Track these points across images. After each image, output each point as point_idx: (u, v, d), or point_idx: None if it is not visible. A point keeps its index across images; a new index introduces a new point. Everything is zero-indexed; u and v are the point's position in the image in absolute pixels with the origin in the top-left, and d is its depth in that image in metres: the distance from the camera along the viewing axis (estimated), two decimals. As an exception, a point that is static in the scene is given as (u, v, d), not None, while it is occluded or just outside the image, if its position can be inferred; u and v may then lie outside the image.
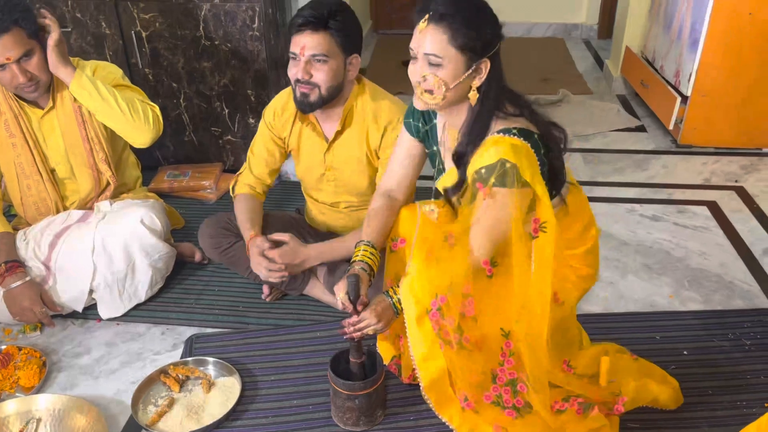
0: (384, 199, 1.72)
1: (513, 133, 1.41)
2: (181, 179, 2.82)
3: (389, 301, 1.53)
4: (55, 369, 1.89)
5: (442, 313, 1.45)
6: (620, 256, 2.40)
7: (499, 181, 1.39)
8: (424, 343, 1.48)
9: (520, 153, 1.39)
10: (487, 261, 1.48)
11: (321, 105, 1.82)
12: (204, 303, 2.13)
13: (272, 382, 1.80)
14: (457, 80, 1.41)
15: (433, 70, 1.40)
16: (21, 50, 1.81)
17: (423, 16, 1.39)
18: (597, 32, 5.39)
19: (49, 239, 2.02)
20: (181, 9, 2.65)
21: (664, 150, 3.28)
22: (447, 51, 1.38)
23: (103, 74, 2.01)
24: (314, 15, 1.71)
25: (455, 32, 1.36)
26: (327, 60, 1.75)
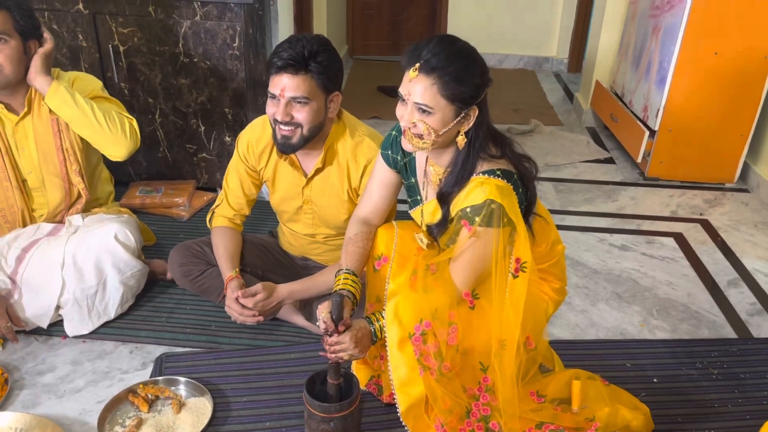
0: (360, 226, 1.73)
1: (497, 174, 1.46)
2: (153, 195, 2.78)
3: (369, 329, 1.53)
4: (17, 386, 1.82)
5: (425, 338, 1.46)
6: (590, 284, 2.44)
7: (485, 221, 1.43)
8: (405, 368, 1.48)
9: (504, 194, 1.44)
10: (469, 293, 1.50)
11: (303, 145, 1.80)
12: (175, 321, 2.09)
13: (244, 403, 1.76)
14: (446, 127, 1.44)
15: (422, 117, 1.43)
16: None
17: (413, 64, 1.41)
18: (567, 66, 5.54)
19: (16, 252, 1.96)
20: (160, 25, 2.64)
21: (632, 182, 3.37)
22: (437, 101, 1.41)
23: (81, 85, 1.99)
24: (294, 57, 1.67)
25: (445, 84, 1.39)
26: (308, 102, 1.72)
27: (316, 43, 1.72)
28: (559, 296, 1.74)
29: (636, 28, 3.58)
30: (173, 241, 2.44)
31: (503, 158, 1.50)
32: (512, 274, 1.49)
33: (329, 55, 1.74)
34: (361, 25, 5.67)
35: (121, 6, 2.62)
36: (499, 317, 1.49)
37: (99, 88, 2.03)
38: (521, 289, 1.49)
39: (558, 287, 1.73)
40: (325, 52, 1.72)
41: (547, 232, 1.68)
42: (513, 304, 1.49)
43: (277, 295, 1.90)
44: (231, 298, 1.88)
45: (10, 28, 1.83)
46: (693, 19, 2.99)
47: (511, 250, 1.48)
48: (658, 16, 3.28)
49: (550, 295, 1.72)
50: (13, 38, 1.84)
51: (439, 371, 1.47)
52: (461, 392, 1.53)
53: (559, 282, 1.74)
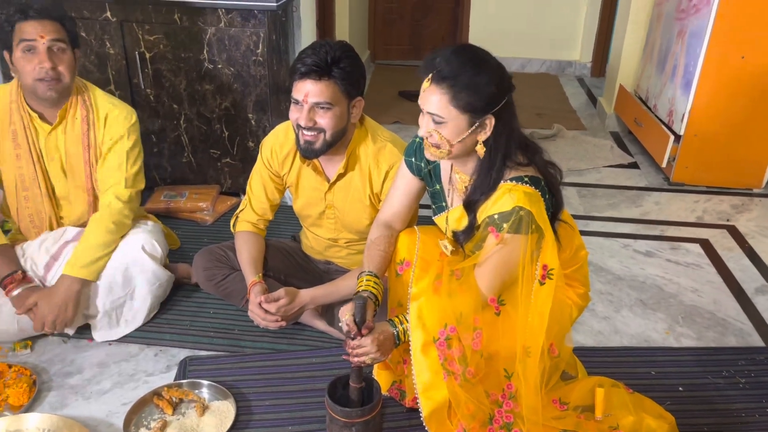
0: (382, 230, 1.73)
1: (525, 181, 1.45)
2: (177, 200, 2.82)
3: (392, 331, 1.53)
4: (45, 388, 1.85)
5: (450, 343, 1.46)
6: (614, 291, 2.41)
7: (514, 228, 1.43)
8: (428, 372, 1.48)
9: (532, 201, 1.43)
10: (494, 299, 1.50)
11: (326, 150, 1.81)
12: (198, 325, 2.11)
13: (267, 407, 1.78)
14: (460, 137, 1.44)
15: (436, 127, 1.44)
16: (55, 36, 1.85)
17: (427, 74, 1.42)
18: (590, 70, 5.50)
19: (45, 259, 2.00)
20: (186, 32, 2.67)
21: (657, 187, 3.33)
22: (448, 111, 1.41)
23: (112, 129, 2.02)
24: (317, 63, 1.69)
25: (456, 93, 1.39)
26: (331, 107, 1.74)
27: (339, 49, 1.73)
28: (583, 301, 1.74)
29: (661, 32, 3.54)
30: (197, 245, 2.47)
31: (531, 165, 1.49)
32: (539, 281, 1.48)
33: (352, 61, 1.75)
34: (383, 30, 5.68)
35: (148, 14, 2.66)
36: (524, 324, 1.48)
37: (126, 130, 2.03)
38: (547, 296, 1.48)
39: (582, 292, 1.73)
40: (348, 58, 1.74)
41: (572, 238, 1.67)
42: (538, 310, 1.48)
43: (299, 300, 1.92)
44: (254, 303, 1.89)
45: (65, 38, 1.89)
46: (719, 23, 2.95)
47: (537, 256, 1.48)
48: (683, 19, 3.25)
49: (574, 300, 1.71)
50: (69, 48, 1.91)
51: (463, 376, 1.47)
52: (484, 398, 1.52)
53: (582, 287, 1.73)
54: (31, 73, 1.86)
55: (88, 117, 2.00)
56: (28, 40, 1.83)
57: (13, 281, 1.93)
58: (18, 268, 1.97)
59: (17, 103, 1.96)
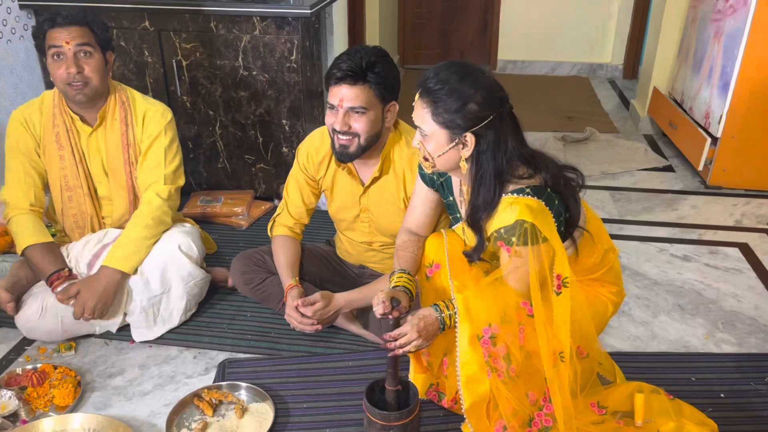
0: (408, 235, 1.76)
1: (527, 192, 1.46)
2: (213, 205, 2.86)
3: (436, 315, 1.52)
4: (89, 389, 1.90)
5: (494, 341, 1.47)
6: (651, 296, 2.38)
7: (521, 240, 1.44)
8: (474, 365, 1.48)
9: (535, 212, 1.43)
10: (527, 302, 1.50)
11: (360, 154, 1.84)
12: (236, 328, 2.14)
13: (305, 409, 1.80)
14: (440, 152, 1.47)
15: (422, 140, 1.48)
16: (81, 40, 1.90)
17: (419, 88, 1.46)
18: (622, 72, 5.44)
19: (87, 259, 2.05)
20: (221, 40, 2.72)
21: (693, 191, 3.28)
22: (429, 126, 1.44)
23: (149, 127, 2.07)
24: (352, 68, 1.71)
25: (435, 109, 1.42)
26: (366, 111, 1.76)
27: (374, 54, 1.75)
28: (618, 298, 1.74)
29: (696, 33, 3.49)
30: (233, 250, 2.51)
31: (535, 176, 1.49)
32: (555, 291, 1.49)
33: (387, 65, 1.77)
34: (413, 34, 5.70)
35: (185, 23, 2.72)
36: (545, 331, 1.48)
37: (163, 127, 2.08)
38: (566, 304, 1.48)
39: (615, 290, 1.73)
40: (382, 62, 1.76)
41: (599, 241, 1.65)
42: (561, 318, 1.49)
43: (335, 304, 1.93)
44: (291, 307, 1.92)
45: (93, 42, 1.94)
46: (757, 23, 2.90)
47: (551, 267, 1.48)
48: (719, 20, 3.20)
49: (609, 298, 1.71)
50: (96, 51, 1.96)
51: (506, 373, 1.48)
52: (525, 398, 1.52)
53: (615, 286, 1.73)
54: (61, 77, 1.92)
55: (127, 117, 2.06)
56: (56, 47, 1.90)
57: (60, 278, 1.98)
58: (64, 266, 2.03)
59: (59, 107, 2.02)
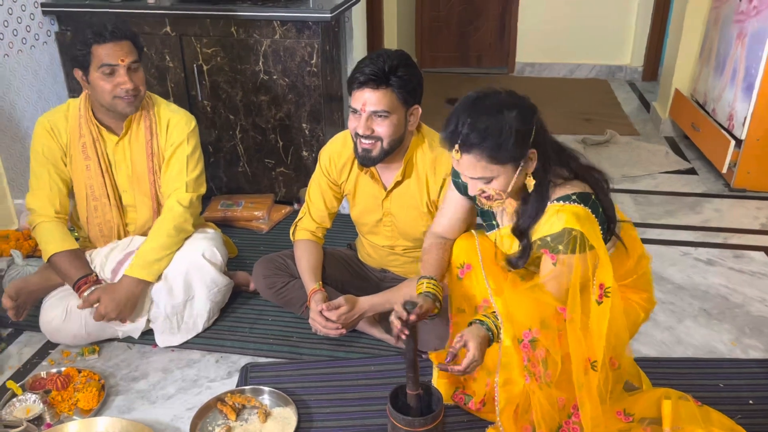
0: (436, 239, 1.75)
1: (573, 200, 1.46)
2: (234, 209, 2.87)
3: (485, 330, 1.49)
4: (113, 392, 1.91)
5: (534, 345, 1.47)
6: (676, 300, 2.35)
7: (570, 248, 1.44)
8: (515, 368, 1.49)
9: (583, 220, 1.43)
10: (564, 308, 1.49)
11: (383, 158, 1.83)
12: (258, 332, 2.14)
13: (327, 414, 1.79)
14: (512, 182, 1.46)
15: (486, 185, 1.46)
16: (133, 57, 1.94)
17: (453, 144, 1.43)
18: (642, 74, 5.38)
19: (112, 265, 2.06)
20: (242, 44, 2.73)
21: (717, 193, 3.24)
22: (491, 170, 1.43)
23: (173, 134, 2.08)
24: (375, 72, 1.71)
25: (492, 153, 1.40)
26: (388, 115, 1.76)
27: (396, 58, 1.75)
28: (649, 305, 1.72)
29: (719, 34, 3.45)
30: (254, 253, 2.52)
31: (575, 179, 1.49)
32: (596, 301, 1.48)
33: (409, 69, 1.77)
34: (430, 37, 5.68)
35: (206, 27, 2.73)
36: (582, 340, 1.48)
37: (186, 135, 2.09)
38: (605, 314, 1.48)
39: (647, 297, 1.72)
40: (405, 66, 1.76)
41: (632, 247, 1.65)
42: (597, 328, 1.48)
43: (359, 308, 1.93)
44: (315, 311, 1.91)
45: (138, 56, 1.97)
46: (782, 24, 2.86)
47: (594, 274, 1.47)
48: (743, 21, 3.16)
49: (641, 305, 1.70)
50: (141, 64, 1.98)
51: (543, 378, 1.48)
52: (555, 403, 1.51)
53: (646, 293, 1.72)
54: (111, 92, 1.93)
55: (151, 126, 2.07)
56: (110, 64, 1.90)
57: (87, 282, 2.00)
58: (91, 271, 2.04)
59: (86, 117, 2.03)
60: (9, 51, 2.62)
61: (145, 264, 1.99)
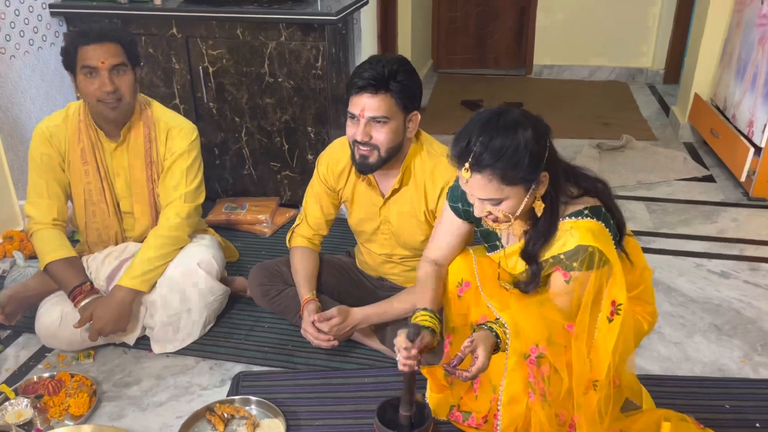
0: (431, 267, 1.69)
1: (585, 215, 1.42)
2: (238, 212, 2.85)
3: (493, 337, 1.44)
4: (105, 398, 1.89)
5: (540, 362, 1.43)
6: (686, 314, 2.27)
7: (585, 265, 1.40)
8: (519, 384, 1.45)
9: (597, 235, 1.40)
10: (572, 325, 1.46)
11: (380, 166, 1.80)
12: (253, 340, 2.12)
13: (317, 427, 1.76)
14: (522, 205, 1.40)
15: (494, 207, 1.40)
16: (116, 60, 1.89)
17: (463, 163, 1.36)
18: (663, 77, 5.26)
19: (107, 272, 2.05)
20: (248, 47, 2.71)
21: (735, 202, 3.14)
22: (502, 191, 1.37)
23: (172, 144, 2.05)
24: (374, 77, 1.68)
25: (504, 174, 1.35)
26: (387, 121, 1.72)
27: (395, 63, 1.72)
28: (652, 318, 1.67)
29: (741, 38, 3.34)
30: (255, 258, 2.50)
31: (585, 194, 1.45)
32: (608, 318, 1.43)
33: (409, 75, 1.73)
34: (446, 39, 5.62)
35: (212, 29, 2.72)
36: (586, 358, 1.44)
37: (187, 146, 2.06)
38: (614, 333, 1.43)
39: (651, 310, 1.67)
40: (404, 72, 1.72)
41: (638, 253, 1.61)
42: (605, 346, 1.43)
43: (352, 319, 1.89)
44: (307, 322, 1.88)
45: (125, 59, 1.93)
46: (805, 28, 2.75)
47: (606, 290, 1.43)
48: (765, 25, 3.05)
49: (645, 318, 1.65)
50: (128, 68, 1.94)
51: (545, 396, 1.45)
52: (554, 419, 1.48)
53: (650, 305, 1.67)
54: (94, 94, 1.90)
55: (150, 134, 2.04)
56: (90, 66, 1.88)
57: (82, 292, 1.98)
58: (86, 279, 2.03)
59: (85, 122, 2.02)
60: (16, 52, 2.63)
61: (139, 274, 1.97)
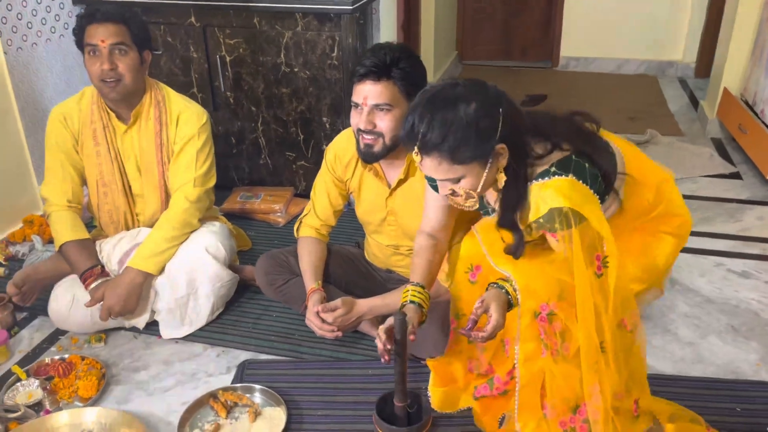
0: (426, 240, 1.69)
1: (552, 173, 1.37)
2: (253, 201, 2.87)
3: (504, 294, 1.44)
4: (114, 382, 1.93)
5: (551, 318, 1.41)
6: (702, 314, 2.22)
7: (564, 225, 1.35)
8: (531, 342, 1.44)
9: (567, 192, 1.34)
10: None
11: (385, 155, 1.78)
12: (261, 328, 2.13)
13: (318, 417, 1.76)
14: (480, 182, 1.37)
15: (455, 185, 1.38)
16: (116, 39, 1.91)
17: (412, 146, 1.34)
18: (694, 71, 5.13)
19: (119, 256, 2.08)
20: (264, 36, 2.71)
21: (761, 200, 3.05)
22: (456, 170, 1.34)
23: (183, 129, 2.07)
24: (376, 64, 1.67)
25: (453, 153, 1.31)
26: (391, 108, 1.71)
27: (398, 50, 1.72)
28: (682, 230, 1.60)
29: (772, 30, 3.23)
30: (267, 247, 2.51)
31: (554, 149, 1.39)
32: (595, 274, 1.37)
33: (412, 61, 1.72)
34: (472, 30, 5.56)
35: (229, 18, 2.73)
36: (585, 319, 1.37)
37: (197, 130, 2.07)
38: (608, 287, 1.37)
39: (678, 222, 1.59)
40: (407, 58, 1.71)
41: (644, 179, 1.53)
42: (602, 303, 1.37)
43: (357, 311, 1.89)
44: (311, 312, 1.88)
45: (128, 40, 1.95)
46: (839, 20, 2.65)
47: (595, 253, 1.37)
48: (797, 16, 2.95)
49: (675, 233, 1.58)
50: (132, 49, 1.96)
51: (560, 352, 1.42)
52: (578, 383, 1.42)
53: (678, 217, 1.59)
54: (95, 74, 1.94)
55: (161, 117, 2.06)
56: (91, 44, 1.91)
57: (92, 275, 2.02)
58: (97, 262, 2.06)
59: (98, 104, 2.05)
60: (37, 40, 2.68)
61: (148, 255, 2.00)
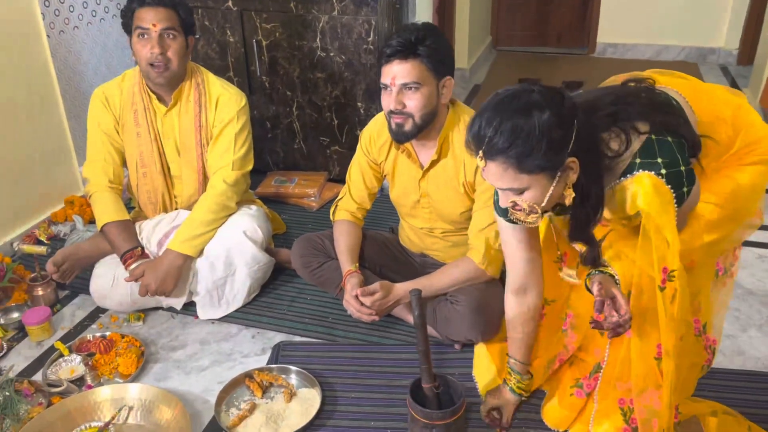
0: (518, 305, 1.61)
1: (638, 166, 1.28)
2: (287, 185, 2.89)
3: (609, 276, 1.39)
4: (152, 360, 1.97)
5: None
6: (743, 306, 2.17)
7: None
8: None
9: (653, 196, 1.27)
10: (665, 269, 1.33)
11: (416, 134, 1.78)
12: (295, 310, 2.15)
13: (352, 399, 1.78)
14: (546, 196, 1.27)
15: (518, 197, 1.28)
16: (167, 24, 1.95)
17: (477, 150, 1.25)
18: (737, 58, 5.00)
19: (158, 237, 2.12)
20: (300, 20, 2.72)
21: (805, 191, 2.96)
22: (521, 180, 1.24)
23: (222, 112, 2.10)
24: (402, 43, 1.67)
25: (520, 161, 1.21)
26: (419, 87, 1.71)
27: (423, 29, 1.73)
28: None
29: (821, 16, 3.13)
30: (302, 231, 2.53)
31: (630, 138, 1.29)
32: (659, 287, 1.31)
33: (437, 39, 1.73)
34: (507, 15, 5.50)
35: (266, 2, 2.73)
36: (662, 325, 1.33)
37: (236, 113, 2.09)
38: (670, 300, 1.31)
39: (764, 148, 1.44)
40: (433, 36, 1.72)
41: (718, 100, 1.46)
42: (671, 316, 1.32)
43: (394, 295, 1.89)
44: (350, 294, 1.90)
45: (177, 25, 1.98)
46: None
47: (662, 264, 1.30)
48: None
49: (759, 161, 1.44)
50: (180, 34, 1.99)
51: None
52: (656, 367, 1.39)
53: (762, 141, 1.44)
54: (144, 57, 1.97)
55: (201, 100, 2.09)
56: (142, 27, 1.94)
57: (133, 256, 2.06)
58: (138, 244, 2.10)
59: (140, 86, 2.08)
60: (79, 23, 2.72)
61: (188, 238, 2.03)
